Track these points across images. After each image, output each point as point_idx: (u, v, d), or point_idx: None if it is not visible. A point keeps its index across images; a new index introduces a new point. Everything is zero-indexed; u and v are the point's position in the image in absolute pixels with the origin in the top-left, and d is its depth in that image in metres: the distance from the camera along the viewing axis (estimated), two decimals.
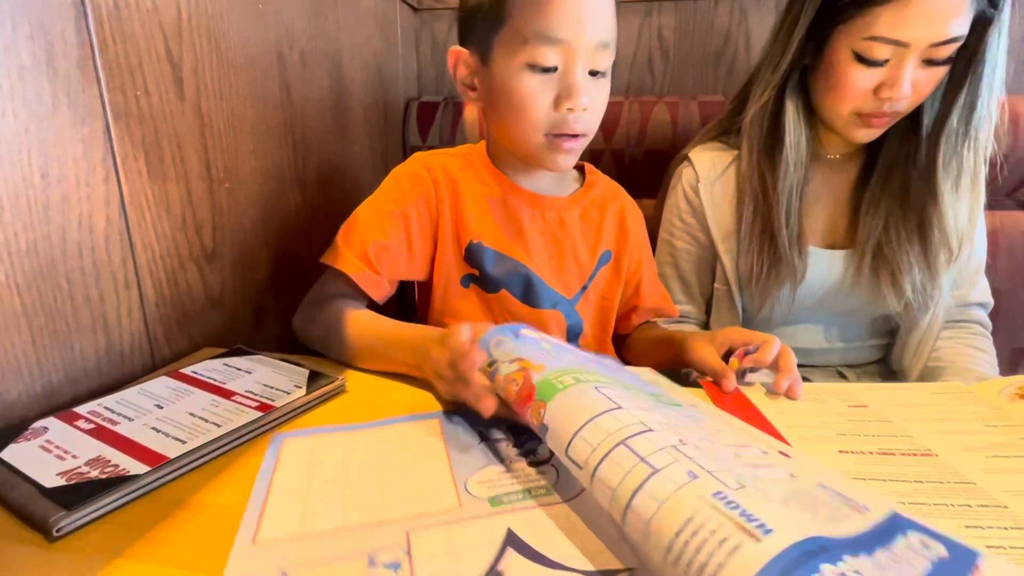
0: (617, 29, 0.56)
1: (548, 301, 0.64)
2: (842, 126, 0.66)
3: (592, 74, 0.55)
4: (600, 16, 0.53)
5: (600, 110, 0.58)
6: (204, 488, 0.36)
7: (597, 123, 0.59)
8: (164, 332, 0.55)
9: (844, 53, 0.61)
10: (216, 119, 0.60)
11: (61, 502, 0.32)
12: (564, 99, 0.53)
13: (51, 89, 0.43)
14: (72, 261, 0.46)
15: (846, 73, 0.61)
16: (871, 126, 0.64)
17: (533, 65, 0.53)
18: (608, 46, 0.54)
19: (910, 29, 0.57)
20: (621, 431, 0.30)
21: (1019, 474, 0.37)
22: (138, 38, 0.50)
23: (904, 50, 0.58)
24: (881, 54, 0.59)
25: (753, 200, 0.70)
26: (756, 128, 0.69)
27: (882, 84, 0.61)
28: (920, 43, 0.58)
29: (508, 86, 0.55)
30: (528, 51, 0.52)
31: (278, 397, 0.45)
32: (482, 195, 0.63)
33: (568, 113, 0.54)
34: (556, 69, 0.53)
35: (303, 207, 0.77)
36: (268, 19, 0.67)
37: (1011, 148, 0.86)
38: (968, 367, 0.69)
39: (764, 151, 0.69)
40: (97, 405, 0.43)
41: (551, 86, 0.54)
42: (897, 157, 0.69)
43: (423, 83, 1.17)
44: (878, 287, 0.69)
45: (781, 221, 0.68)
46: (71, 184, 0.45)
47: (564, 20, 0.51)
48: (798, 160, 0.68)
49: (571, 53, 0.52)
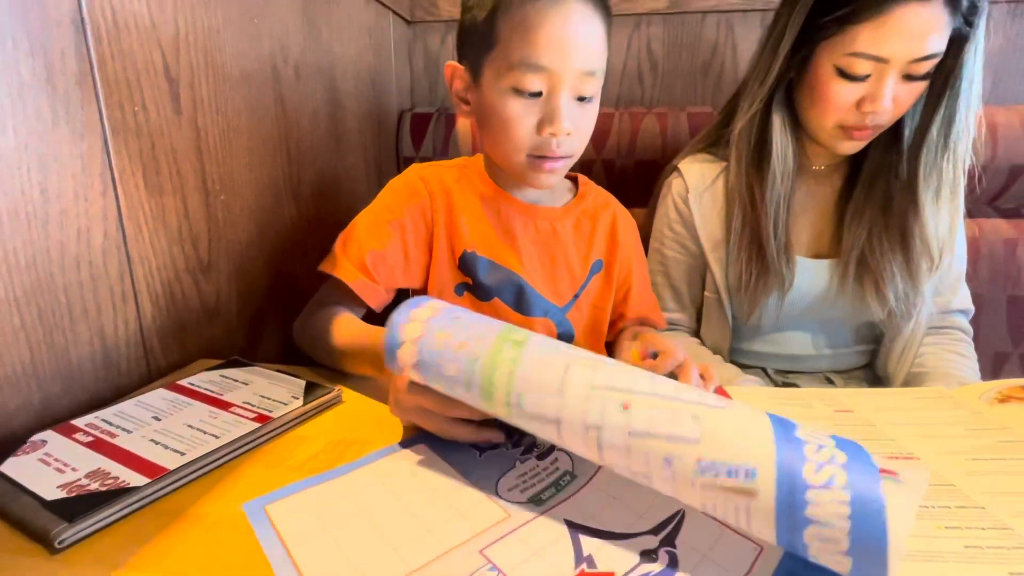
0: (608, 51, 0.57)
1: (539, 309, 0.65)
2: (826, 139, 0.68)
3: (579, 99, 0.56)
4: (586, 45, 0.54)
5: (585, 133, 0.59)
6: (203, 499, 0.36)
7: (582, 146, 0.60)
8: (161, 344, 0.56)
9: (827, 68, 0.63)
10: (212, 133, 0.61)
11: (62, 514, 0.32)
12: (547, 124, 0.55)
13: (50, 105, 0.44)
14: (70, 275, 0.46)
15: (829, 88, 0.63)
16: (854, 138, 0.66)
17: (518, 90, 0.54)
18: (594, 74, 0.55)
19: (890, 46, 0.59)
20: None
21: (998, 476, 0.38)
22: (136, 55, 0.50)
23: (884, 66, 0.60)
24: (862, 70, 0.61)
25: (742, 210, 0.72)
26: (744, 140, 0.71)
27: (864, 98, 0.63)
28: (899, 59, 0.60)
29: (495, 106, 0.56)
30: (514, 76, 0.54)
31: (275, 408, 0.46)
32: (476, 205, 0.65)
33: (550, 137, 0.55)
34: (541, 94, 0.55)
35: (298, 219, 0.77)
36: (263, 34, 0.68)
37: (990, 158, 0.89)
38: (950, 372, 0.70)
39: (752, 163, 0.71)
40: (95, 418, 0.44)
41: (535, 110, 0.55)
42: (879, 169, 0.71)
43: (417, 94, 1.19)
44: (862, 295, 0.70)
45: (769, 231, 0.70)
46: (69, 199, 0.46)
47: (549, 48, 0.52)
48: (784, 171, 0.70)
49: (555, 80, 0.54)
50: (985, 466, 0.39)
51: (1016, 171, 0.90)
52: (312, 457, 0.41)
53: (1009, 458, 0.40)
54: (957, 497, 0.35)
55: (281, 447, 0.43)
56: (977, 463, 0.40)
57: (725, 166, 0.76)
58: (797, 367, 0.78)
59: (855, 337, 0.78)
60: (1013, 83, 1.01)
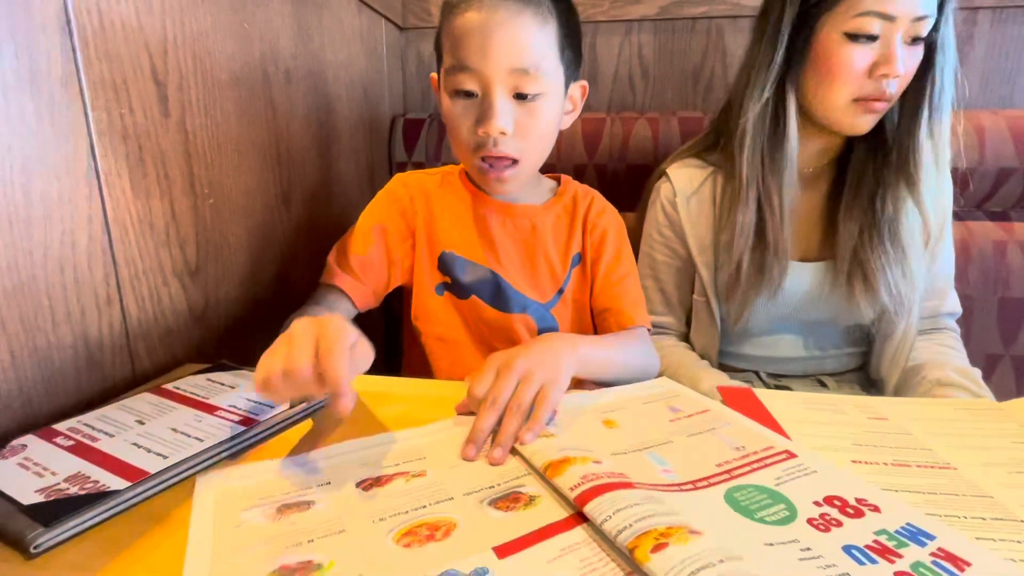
0: (562, 45, 0.59)
1: (517, 305, 0.67)
2: (842, 117, 0.66)
3: (520, 98, 0.58)
4: (510, 43, 0.56)
5: (532, 134, 0.60)
6: (186, 504, 0.36)
7: (534, 147, 0.61)
8: (146, 348, 0.55)
9: (835, 37, 0.63)
10: (200, 136, 0.60)
11: (39, 519, 0.32)
12: (480, 123, 0.58)
13: (35, 107, 0.43)
14: (53, 277, 0.46)
15: (840, 56, 0.63)
16: (872, 111, 0.65)
17: (457, 91, 0.59)
18: (527, 71, 0.57)
19: (895, 2, 0.60)
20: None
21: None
22: (123, 57, 0.50)
23: (891, 25, 0.61)
24: (873, 28, 0.62)
25: (751, 209, 0.70)
26: (758, 129, 0.69)
27: (876, 63, 0.63)
28: (904, 16, 0.61)
29: (445, 110, 0.61)
30: (451, 80, 0.59)
31: (261, 411, 0.45)
32: (456, 207, 0.68)
33: (486, 136, 0.58)
34: (475, 95, 0.58)
35: (288, 223, 0.77)
36: (253, 37, 0.68)
37: (978, 162, 0.89)
38: (944, 361, 0.70)
39: (768, 154, 0.69)
40: (77, 422, 0.43)
41: (473, 112, 0.59)
42: (866, 161, 0.71)
43: (409, 100, 1.19)
44: (852, 295, 0.70)
45: (780, 230, 0.69)
46: (54, 201, 0.45)
47: (471, 50, 0.56)
48: (795, 159, 0.69)
49: (485, 80, 0.57)
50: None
51: (1003, 174, 0.91)
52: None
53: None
54: (994, 509, 0.34)
55: (269, 451, 0.42)
56: (1020, 476, 0.38)
57: (712, 171, 0.76)
58: (788, 370, 0.78)
59: (845, 339, 0.78)
60: (999, 87, 1.02)
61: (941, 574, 0.28)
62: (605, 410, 0.47)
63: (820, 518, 0.33)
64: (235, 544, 0.31)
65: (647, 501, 0.32)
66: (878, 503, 0.34)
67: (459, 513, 0.34)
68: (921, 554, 0.30)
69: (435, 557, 0.30)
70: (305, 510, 0.34)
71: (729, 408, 0.47)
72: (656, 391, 0.52)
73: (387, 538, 0.32)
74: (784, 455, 0.39)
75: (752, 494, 0.35)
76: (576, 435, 0.42)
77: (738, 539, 0.30)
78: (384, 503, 0.35)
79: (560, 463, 0.37)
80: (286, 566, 0.29)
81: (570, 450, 0.39)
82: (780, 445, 0.41)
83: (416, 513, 0.34)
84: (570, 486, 0.34)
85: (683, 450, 0.40)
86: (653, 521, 0.30)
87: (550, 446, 0.40)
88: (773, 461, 0.39)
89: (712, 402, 0.48)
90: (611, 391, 0.51)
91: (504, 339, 0.67)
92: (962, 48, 1.01)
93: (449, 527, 0.33)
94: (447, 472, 0.39)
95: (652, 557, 0.28)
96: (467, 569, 0.29)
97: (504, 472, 0.39)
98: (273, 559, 0.30)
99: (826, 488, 0.35)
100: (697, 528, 0.30)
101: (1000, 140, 0.89)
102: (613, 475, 0.35)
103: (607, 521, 0.31)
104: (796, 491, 0.35)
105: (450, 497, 0.36)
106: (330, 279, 0.63)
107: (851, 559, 0.29)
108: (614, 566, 0.30)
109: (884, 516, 0.33)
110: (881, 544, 0.30)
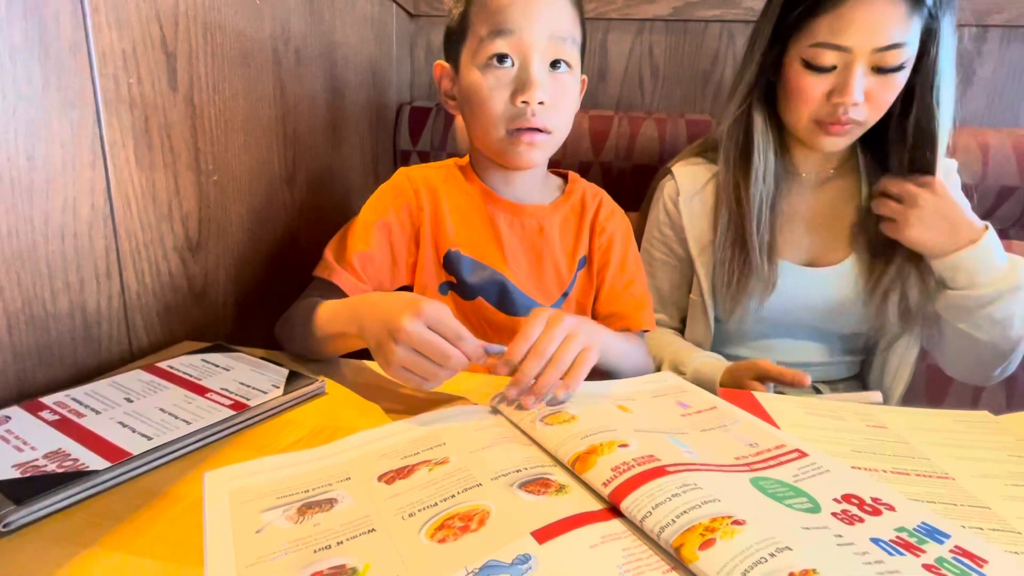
0: (582, 27, 0.59)
1: (523, 308, 0.64)
2: (805, 135, 0.70)
3: (554, 66, 0.57)
4: (552, 9, 0.56)
5: (564, 106, 0.59)
6: (181, 481, 0.35)
7: (563, 121, 0.60)
8: (144, 323, 0.54)
9: (796, 63, 0.66)
10: (208, 111, 0.59)
11: (12, 496, 0.31)
12: (519, 92, 0.56)
13: (42, 71, 0.42)
14: (54, 246, 0.45)
15: (799, 81, 0.66)
16: (831, 133, 0.67)
17: (490, 59, 0.56)
18: (565, 40, 0.56)
19: (848, 35, 0.61)
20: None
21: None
22: (133, 25, 0.49)
23: (849, 56, 0.62)
24: (827, 60, 0.63)
25: (727, 209, 0.73)
26: (731, 139, 0.74)
27: (832, 90, 0.65)
28: (862, 48, 0.61)
29: (472, 86, 0.58)
30: (485, 48, 0.56)
31: (253, 396, 0.44)
32: (462, 204, 0.65)
33: (524, 106, 0.56)
34: (513, 64, 0.56)
35: (291, 204, 0.76)
36: (264, 16, 0.67)
37: (982, 177, 0.90)
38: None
39: (737, 161, 0.73)
40: (64, 396, 0.42)
41: (508, 82, 0.57)
42: (873, 170, 0.72)
43: (417, 88, 1.18)
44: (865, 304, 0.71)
45: (752, 228, 0.71)
46: (57, 168, 0.44)
47: (513, 13, 0.55)
48: (767, 170, 0.72)
49: (524, 46, 0.55)
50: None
51: (1005, 192, 0.91)
52: (296, 443, 0.40)
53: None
54: (991, 520, 0.34)
55: (267, 433, 0.42)
56: (1018, 489, 0.38)
57: (716, 171, 0.77)
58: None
59: (845, 347, 0.78)
60: (1006, 105, 1.03)
61: (965, 570, 0.28)
62: (617, 399, 0.47)
63: (843, 513, 0.32)
64: (260, 552, 0.29)
65: (685, 490, 0.32)
66: (893, 502, 0.34)
67: (490, 499, 0.33)
68: (941, 551, 0.30)
69: (474, 549, 0.29)
70: (328, 509, 0.33)
71: (734, 406, 0.47)
72: (663, 385, 0.52)
73: (420, 534, 0.30)
74: (796, 454, 0.39)
75: (775, 486, 0.35)
76: (596, 416, 0.42)
77: (779, 525, 0.30)
78: (411, 496, 0.33)
79: (587, 455, 0.36)
80: (318, 573, 0.27)
81: (594, 436, 0.38)
82: (791, 444, 0.41)
83: (445, 504, 0.32)
84: (602, 481, 0.33)
85: (699, 442, 0.40)
86: (696, 515, 0.29)
87: (573, 435, 0.38)
88: (788, 459, 0.39)
89: (718, 400, 0.48)
90: (619, 382, 0.51)
91: (508, 342, 0.66)
92: (970, 65, 1.02)
93: (483, 516, 0.31)
94: (470, 457, 0.38)
95: (700, 555, 0.27)
96: (508, 558, 0.28)
97: (529, 457, 0.38)
98: (303, 567, 0.28)
99: (842, 486, 0.35)
100: (740, 517, 0.29)
101: (1003, 158, 0.90)
102: (643, 460, 0.35)
103: (647, 518, 0.30)
104: (815, 488, 0.35)
105: (478, 483, 0.34)
106: (327, 275, 0.59)
107: (881, 550, 0.29)
108: (658, 559, 0.29)
109: (900, 515, 0.33)
110: (903, 540, 0.30)
